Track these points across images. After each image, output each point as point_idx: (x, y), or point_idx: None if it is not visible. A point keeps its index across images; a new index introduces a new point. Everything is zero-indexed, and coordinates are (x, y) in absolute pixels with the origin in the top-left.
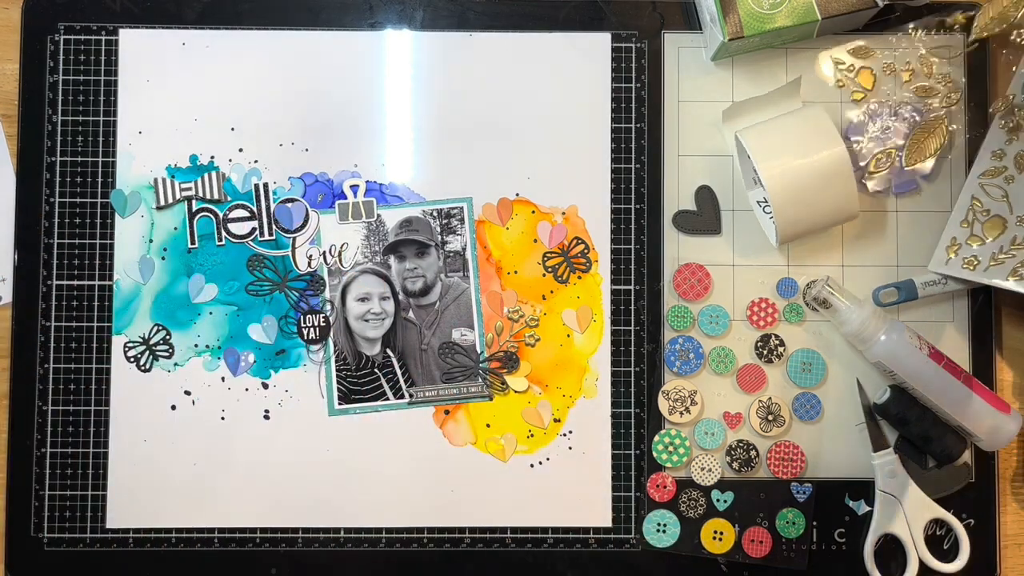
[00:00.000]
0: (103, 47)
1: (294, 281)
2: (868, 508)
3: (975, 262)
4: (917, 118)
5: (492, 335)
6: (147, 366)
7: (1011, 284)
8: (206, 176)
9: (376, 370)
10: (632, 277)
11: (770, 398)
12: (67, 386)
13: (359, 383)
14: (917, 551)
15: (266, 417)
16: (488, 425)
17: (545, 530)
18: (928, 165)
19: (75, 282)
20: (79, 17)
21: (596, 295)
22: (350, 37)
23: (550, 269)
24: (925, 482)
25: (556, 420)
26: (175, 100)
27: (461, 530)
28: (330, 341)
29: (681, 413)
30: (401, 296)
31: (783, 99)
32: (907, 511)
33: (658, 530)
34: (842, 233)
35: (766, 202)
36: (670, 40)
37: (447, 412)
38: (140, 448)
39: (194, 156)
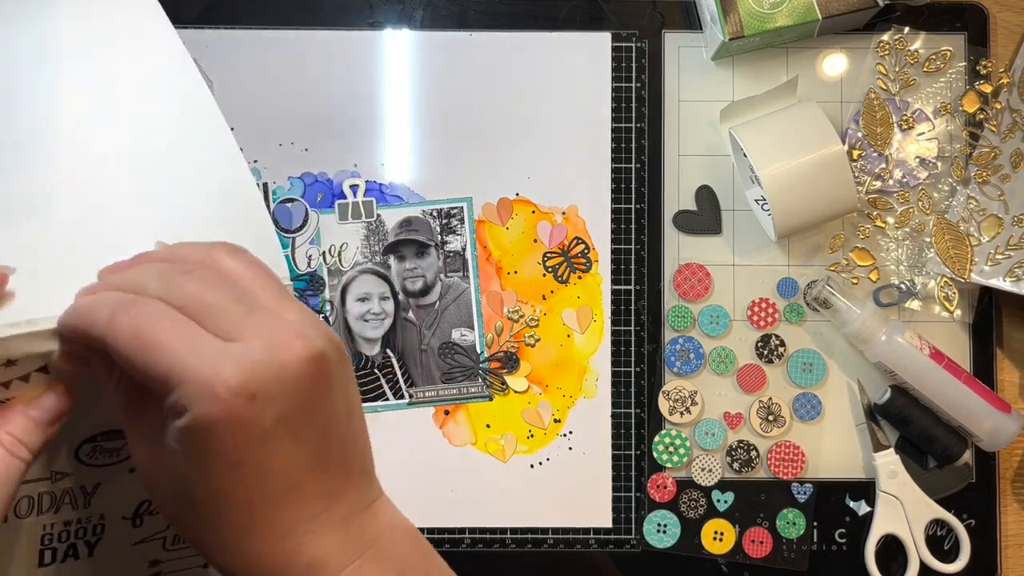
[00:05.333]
0: None
1: (294, 281)
2: (869, 508)
3: (973, 262)
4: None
5: (492, 335)
6: None
7: (1007, 285)
8: None
9: (376, 370)
10: (632, 277)
11: (770, 398)
12: None
13: (359, 383)
14: (918, 551)
15: None
16: (488, 425)
17: (545, 530)
18: (930, 151)
19: None
20: None
21: (596, 295)
22: (350, 37)
23: (550, 269)
24: (926, 482)
25: (556, 420)
26: None
27: (461, 530)
28: None
29: (681, 413)
30: (401, 296)
31: (780, 98)
32: (908, 511)
33: (658, 530)
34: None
35: (764, 200)
36: (670, 40)
37: (447, 412)
38: None
39: None
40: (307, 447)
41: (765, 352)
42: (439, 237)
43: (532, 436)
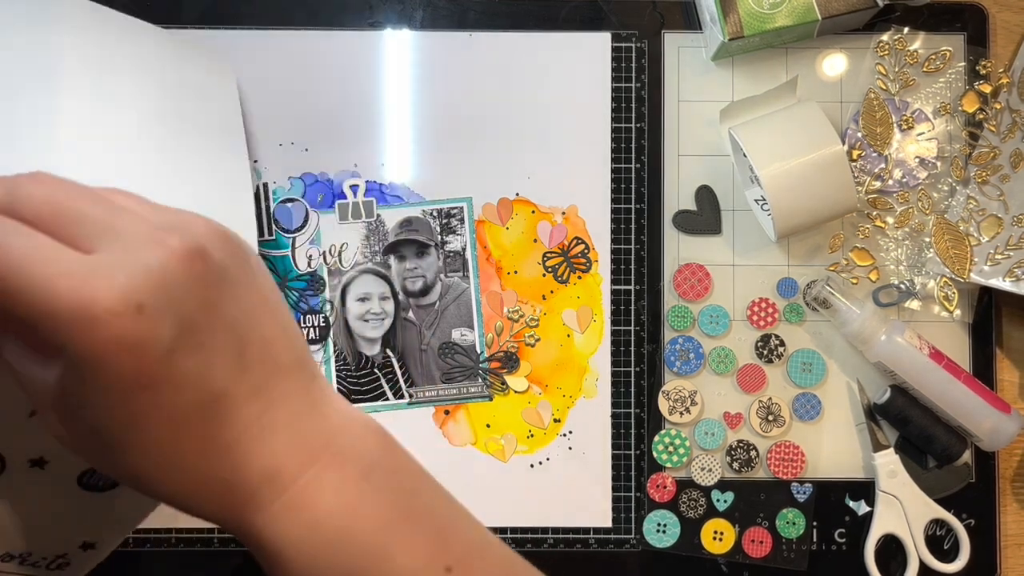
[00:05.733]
0: None
1: (294, 281)
2: (868, 508)
3: (972, 262)
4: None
5: (492, 335)
6: None
7: (1007, 285)
8: None
9: (376, 370)
10: (632, 277)
11: (770, 398)
12: None
13: (359, 383)
14: (917, 551)
15: None
16: (488, 425)
17: (545, 530)
18: (926, 152)
19: None
20: None
21: (596, 295)
22: (350, 37)
23: (550, 269)
24: (925, 482)
25: (556, 420)
26: None
27: None
28: (330, 341)
29: (681, 413)
30: (401, 296)
31: (780, 98)
32: (907, 511)
33: (658, 530)
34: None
35: (764, 200)
36: (670, 40)
37: (447, 412)
38: None
39: None
40: (220, 349)
41: (765, 352)
42: (439, 237)
43: (532, 436)
